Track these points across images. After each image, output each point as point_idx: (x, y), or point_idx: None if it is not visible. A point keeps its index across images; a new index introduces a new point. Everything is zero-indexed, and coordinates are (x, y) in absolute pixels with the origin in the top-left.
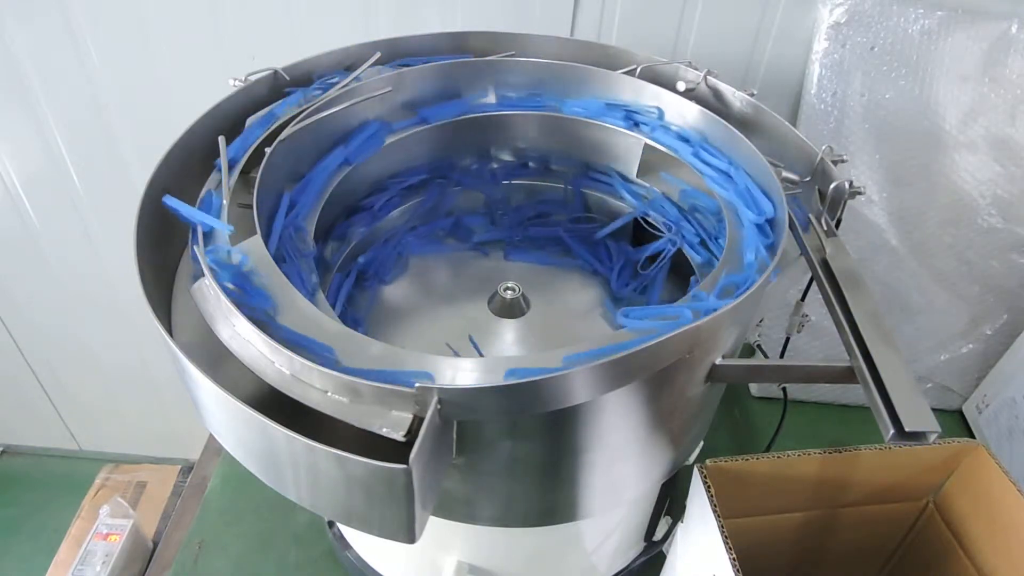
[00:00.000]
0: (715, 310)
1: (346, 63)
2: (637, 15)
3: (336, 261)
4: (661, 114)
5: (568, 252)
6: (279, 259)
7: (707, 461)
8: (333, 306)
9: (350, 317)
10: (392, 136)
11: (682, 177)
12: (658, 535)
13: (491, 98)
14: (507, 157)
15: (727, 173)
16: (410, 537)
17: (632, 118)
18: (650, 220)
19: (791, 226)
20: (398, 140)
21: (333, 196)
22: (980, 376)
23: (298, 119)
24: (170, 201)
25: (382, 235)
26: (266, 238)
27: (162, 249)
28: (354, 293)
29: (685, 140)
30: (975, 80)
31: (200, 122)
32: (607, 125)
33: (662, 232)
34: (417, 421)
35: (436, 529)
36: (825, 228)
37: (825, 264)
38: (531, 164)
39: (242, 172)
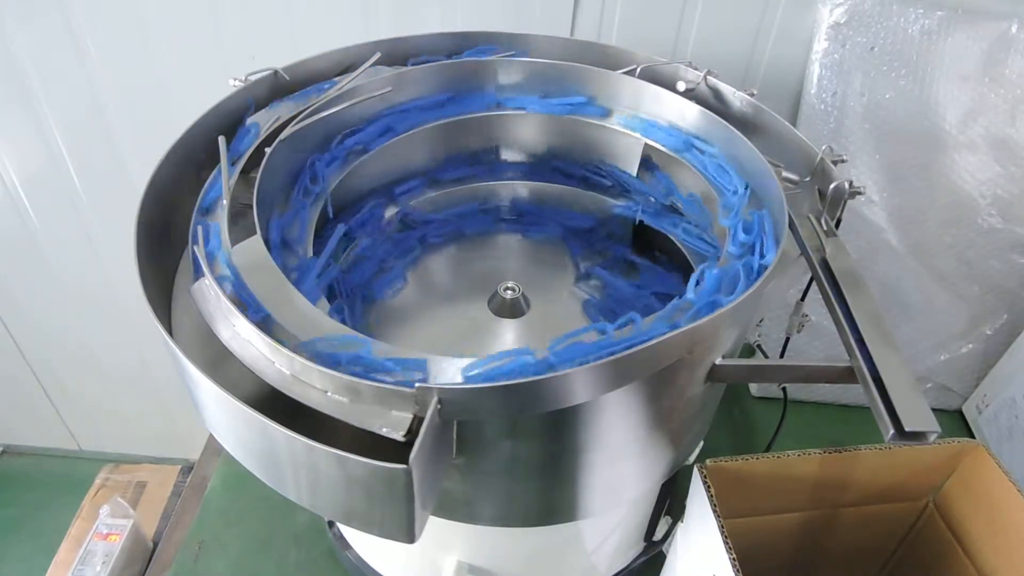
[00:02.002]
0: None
1: (346, 63)
2: (637, 15)
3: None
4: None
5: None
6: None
7: (707, 461)
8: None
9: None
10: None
11: (681, 177)
12: (658, 535)
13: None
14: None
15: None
16: (410, 537)
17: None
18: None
19: (791, 226)
20: (398, 140)
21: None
22: (980, 376)
23: (298, 119)
24: None
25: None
26: (266, 238)
27: (162, 249)
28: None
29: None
30: (975, 80)
31: (200, 122)
32: (607, 125)
33: (662, 230)
34: (417, 421)
35: (436, 529)
36: (825, 228)
37: (825, 264)
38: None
39: (242, 172)
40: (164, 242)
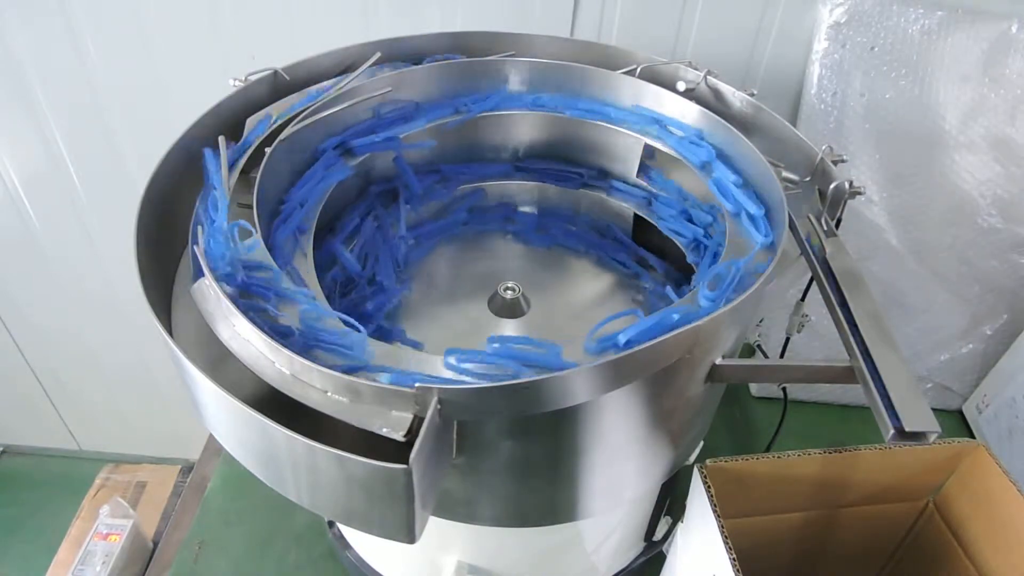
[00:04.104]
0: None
1: (346, 63)
2: (637, 15)
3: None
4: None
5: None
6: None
7: (707, 461)
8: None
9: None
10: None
11: (681, 177)
12: (658, 535)
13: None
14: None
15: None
16: (410, 537)
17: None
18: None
19: (791, 226)
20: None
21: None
22: (980, 376)
23: (298, 119)
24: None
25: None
26: (267, 237)
27: (162, 249)
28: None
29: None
30: (975, 80)
31: (200, 122)
32: (607, 125)
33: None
34: (417, 421)
35: (436, 529)
36: (825, 228)
37: (825, 264)
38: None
39: (242, 172)
40: (164, 242)
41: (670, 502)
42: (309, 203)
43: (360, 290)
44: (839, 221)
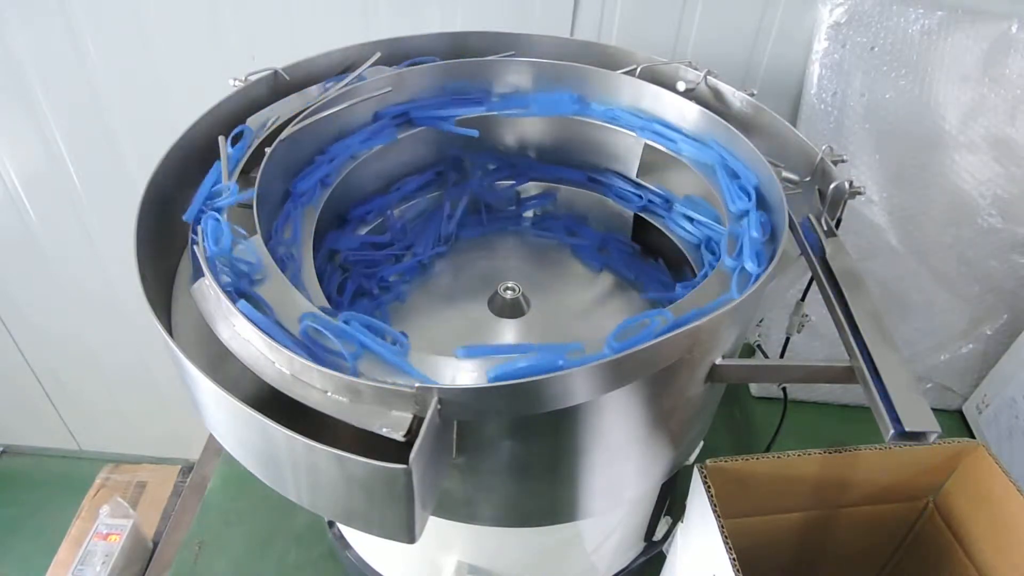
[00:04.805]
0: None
1: (346, 63)
2: (637, 15)
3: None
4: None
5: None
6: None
7: (707, 461)
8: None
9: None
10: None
11: (682, 177)
12: (658, 535)
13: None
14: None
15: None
16: (410, 537)
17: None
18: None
19: (791, 226)
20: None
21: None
22: (980, 376)
23: (298, 119)
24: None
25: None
26: (267, 237)
27: (162, 249)
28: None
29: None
30: (975, 80)
31: (200, 122)
32: (607, 125)
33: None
34: (417, 421)
35: (436, 529)
36: (825, 228)
37: (825, 264)
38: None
39: (242, 172)
40: (164, 242)
41: (670, 502)
42: (339, 159)
43: (388, 250)
44: (839, 221)
